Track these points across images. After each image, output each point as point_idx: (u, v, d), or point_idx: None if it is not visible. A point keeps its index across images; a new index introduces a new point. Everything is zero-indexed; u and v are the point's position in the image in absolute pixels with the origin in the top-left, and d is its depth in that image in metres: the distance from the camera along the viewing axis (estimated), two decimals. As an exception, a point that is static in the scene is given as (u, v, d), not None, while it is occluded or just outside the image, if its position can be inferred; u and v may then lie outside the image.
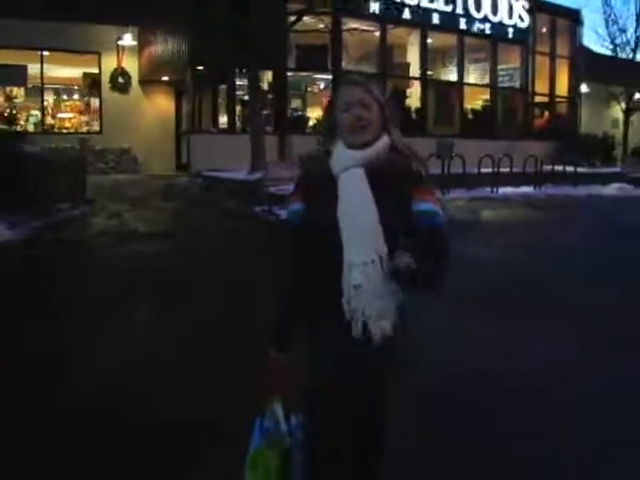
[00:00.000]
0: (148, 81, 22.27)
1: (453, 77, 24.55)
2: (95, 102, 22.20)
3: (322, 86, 22.45)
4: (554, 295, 7.52)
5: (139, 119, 22.00)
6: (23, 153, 13.07)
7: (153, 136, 21.88)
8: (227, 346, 5.46)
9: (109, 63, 21.81)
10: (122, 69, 21.86)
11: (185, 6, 16.81)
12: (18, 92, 21.55)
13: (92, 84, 22.06)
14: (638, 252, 10.17)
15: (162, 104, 22.79)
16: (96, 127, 22.06)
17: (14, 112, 20.78)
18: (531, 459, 3.68)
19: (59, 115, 22.16)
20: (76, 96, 22.54)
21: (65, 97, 22.42)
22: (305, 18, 17.85)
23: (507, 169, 19.65)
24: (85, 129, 22.11)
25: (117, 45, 21.56)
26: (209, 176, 17.40)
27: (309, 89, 22.73)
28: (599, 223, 14.08)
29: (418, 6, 21.74)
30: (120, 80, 21.88)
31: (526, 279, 8.37)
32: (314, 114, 21.37)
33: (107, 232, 11.74)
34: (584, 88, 30.48)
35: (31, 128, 21.25)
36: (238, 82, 19.71)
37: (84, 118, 22.36)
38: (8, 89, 21.33)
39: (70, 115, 22.24)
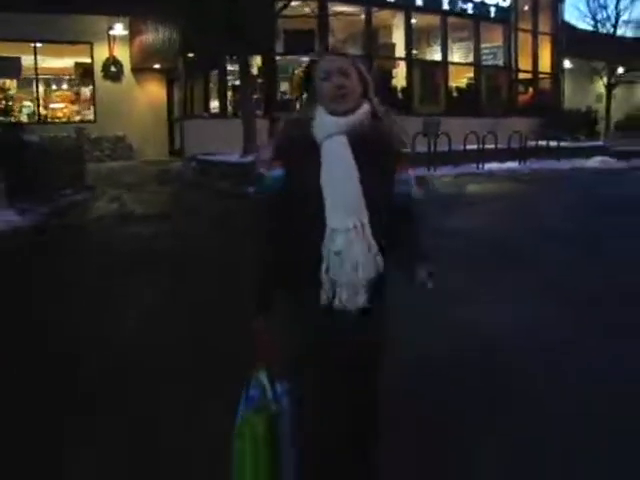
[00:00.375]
0: (140, 69, 22.85)
1: (438, 56, 25.11)
2: (88, 91, 22.75)
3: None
4: (537, 267, 7.75)
5: (132, 107, 22.55)
6: (25, 143, 13.60)
7: (146, 123, 22.46)
8: (217, 326, 5.60)
9: (101, 53, 22.38)
10: (114, 58, 22.40)
11: None
12: (11, 84, 21.98)
13: (85, 74, 22.63)
14: (618, 223, 10.62)
15: (154, 91, 23.37)
16: (90, 116, 22.63)
17: (9, 103, 21.15)
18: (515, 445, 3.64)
19: (53, 105, 22.69)
20: (69, 86, 23.09)
21: (58, 87, 22.99)
22: (292, 3, 18.41)
23: (492, 145, 20.24)
24: (79, 118, 22.63)
25: (108, 35, 22.10)
26: (203, 160, 17.99)
27: (296, 72, 23.29)
28: (581, 195, 14.58)
29: (402, -10, 22.30)
30: (112, 69, 22.42)
31: (509, 251, 8.64)
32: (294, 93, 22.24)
33: (108, 216, 12.28)
34: (567, 64, 31.03)
35: (25, 119, 21.70)
36: (229, 67, 20.35)
37: (78, 107, 22.93)
38: (1, 81, 21.74)
39: (64, 105, 22.75)
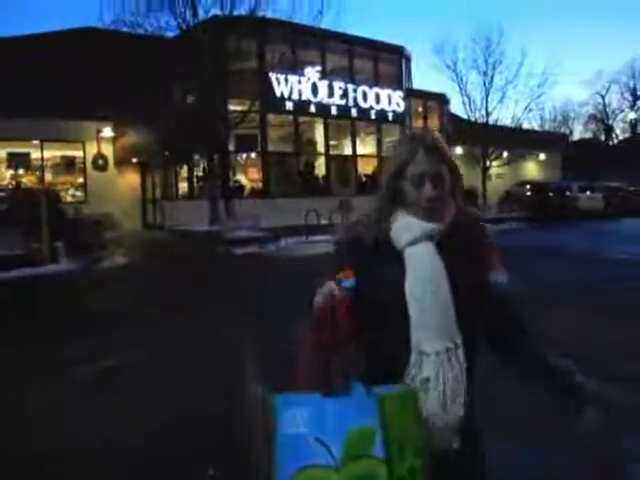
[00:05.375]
0: (121, 162, 29.10)
1: (349, 151, 32.18)
2: (81, 179, 28.86)
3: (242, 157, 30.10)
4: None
5: (114, 190, 28.52)
6: (74, 220, 20.09)
7: (125, 203, 28.48)
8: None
9: (91, 149, 28.50)
10: (101, 154, 28.62)
11: (153, 107, 23.07)
12: (25, 173, 28.22)
13: (78, 165, 28.80)
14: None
15: (131, 179, 29.74)
16: (83, 197, 28.54)
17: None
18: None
19: (55, 188, 28.57)
20: (67, 174, 29.07)
21: (59, 175, 28.89)
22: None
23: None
24: (75, 199, 28.31)
25: (97, 136, 28.35)
26: (180, 230, 24.36)
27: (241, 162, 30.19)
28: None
29: (320, 102, 29.46)
30: (100, 162, 28.57)
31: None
32: (244, 181, 29.30)
33: (122, 264, 18.70)
34: (459, 150, 38.24)
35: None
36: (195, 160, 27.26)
37: (74, 191, 29.00)
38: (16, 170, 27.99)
39: (63, 188, 28.67)
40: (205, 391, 6.19)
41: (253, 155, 29.35)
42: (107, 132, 28.29)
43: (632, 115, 60.59)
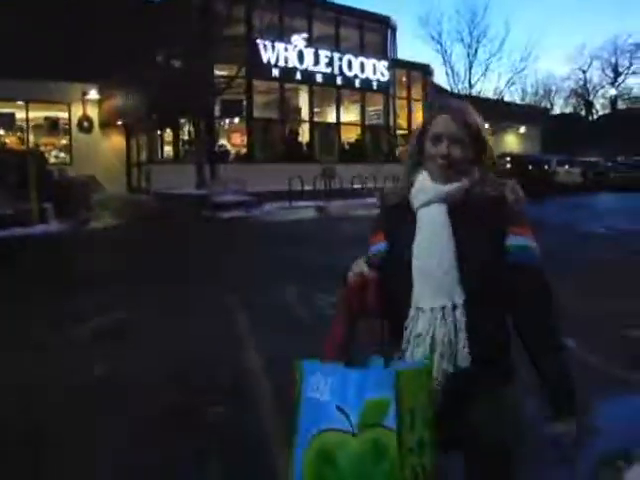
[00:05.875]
0: (106, 124, 29.18)
1: (333, 118, 32.57)
2: (66, 140, 28.96)
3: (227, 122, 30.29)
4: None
5: (99, 153, 28.75)
6: (61, 182, 20.25)
7: (110, 166, 28.66)
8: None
9: (77, 111, 28.59)
10: (86, 116, 28.71)
11: (139, 70, 22.97)
12: (7, 133, 28.26)
13: (63, 127, 28.86)
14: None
15: (116, 142, 29.77)
16: (68, 159, 28.65)
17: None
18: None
19: (40, 150, 28.68)
20: (52, 136, 29.16)
21: (44, 136, 29.01)
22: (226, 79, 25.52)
23: (373, 185, 27.46)
24: (60, 161, 28.42)
25: (83, 98, 28.40)
26: (166, 193, 24.54)
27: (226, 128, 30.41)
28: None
29: (306, 70, 29.82)
30: (85, 124, 28.68)
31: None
32: (229, 146, 29.55)
33: (110, 224, 19.00)
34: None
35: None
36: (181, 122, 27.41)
37: (59, 152, 29.10)
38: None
39: (48, 150, 28.70)
40: (194, 356, 6.30)
41: (238, 120, 29.57)
42: (93, 94, 28.35)
43: (612, 91, 61.16)
